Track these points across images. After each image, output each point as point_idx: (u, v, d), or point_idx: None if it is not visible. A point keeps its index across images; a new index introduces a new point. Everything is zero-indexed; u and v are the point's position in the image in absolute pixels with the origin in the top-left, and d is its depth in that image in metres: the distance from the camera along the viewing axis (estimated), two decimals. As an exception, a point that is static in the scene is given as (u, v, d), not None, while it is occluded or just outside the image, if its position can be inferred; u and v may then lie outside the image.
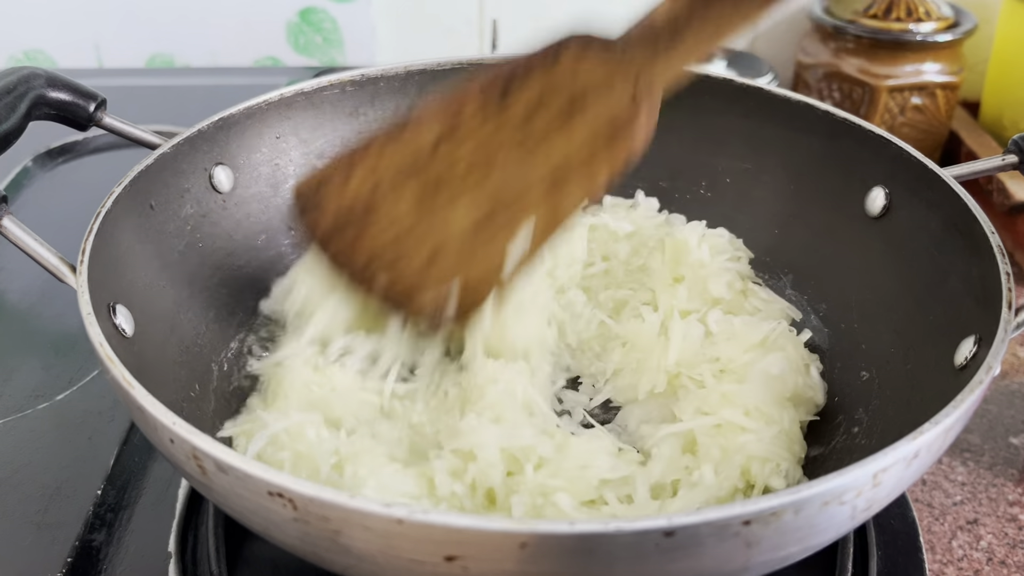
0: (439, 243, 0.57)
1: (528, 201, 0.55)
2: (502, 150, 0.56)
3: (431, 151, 0.58)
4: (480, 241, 0.56)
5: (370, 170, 0.59)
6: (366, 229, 0.59)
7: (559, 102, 0.56)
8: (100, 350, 0.48)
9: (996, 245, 0.55)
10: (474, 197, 0.56)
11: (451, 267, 0.57)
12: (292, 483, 0.39)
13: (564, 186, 0.55)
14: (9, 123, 0.58)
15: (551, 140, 0.55)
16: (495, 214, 0.56)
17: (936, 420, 0.43)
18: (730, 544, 0.39)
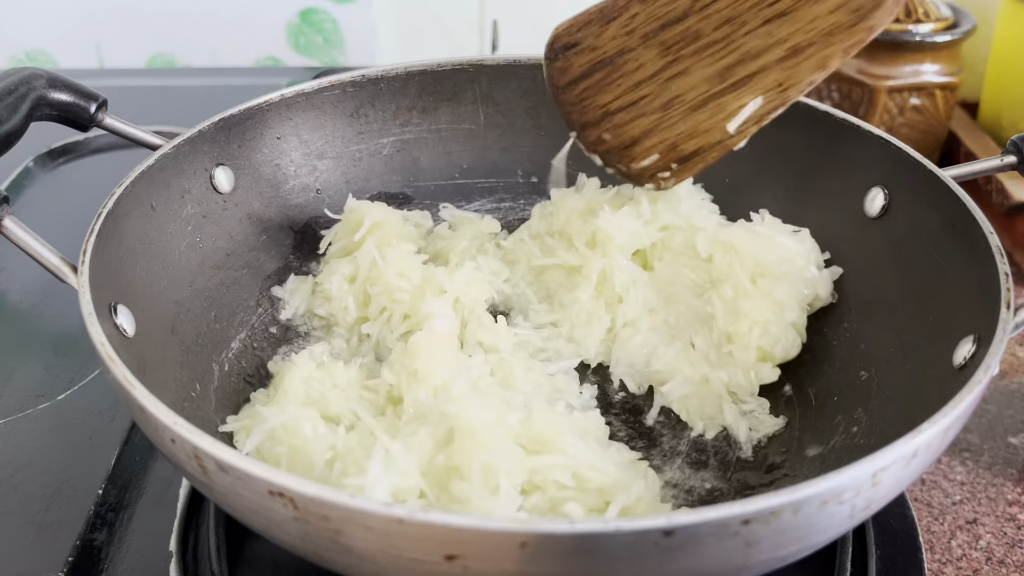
0: (676, 92, 0.62)
1: (767, 62, 0.59)
2: (750, 11, 0.59)
3: (686, 8, 0.61)
4: (711, 102, 0.61)
5: (628, 19, 0.63)
6: (609, 82, 0.65)
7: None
8: (101, 350, 0.48)
9: (995, 245, 0.55)
10: (714, 61, 0.60)
11: (679, 123, 0.62)
12: (293, 483, 0.39)
13: (801, 56, 0.58)
14: (10, 124, 0.58)
15: (799, 8, 0.57)
16: (729, 77, 0.60)
17: (935, 420, 0.43)
18: (730, 543, 0.39)
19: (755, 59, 0.59)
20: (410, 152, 0.82)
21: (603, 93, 0.65)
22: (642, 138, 0.64)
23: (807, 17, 0.57)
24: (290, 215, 0.77)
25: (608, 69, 0.65)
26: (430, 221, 0.79)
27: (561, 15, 0.67)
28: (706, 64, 0.61)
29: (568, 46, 0.66)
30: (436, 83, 0.81)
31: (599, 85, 0.65)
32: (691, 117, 0.62)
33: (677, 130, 0.63)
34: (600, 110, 0.66)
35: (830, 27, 0.56)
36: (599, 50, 0.65)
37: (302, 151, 0.77)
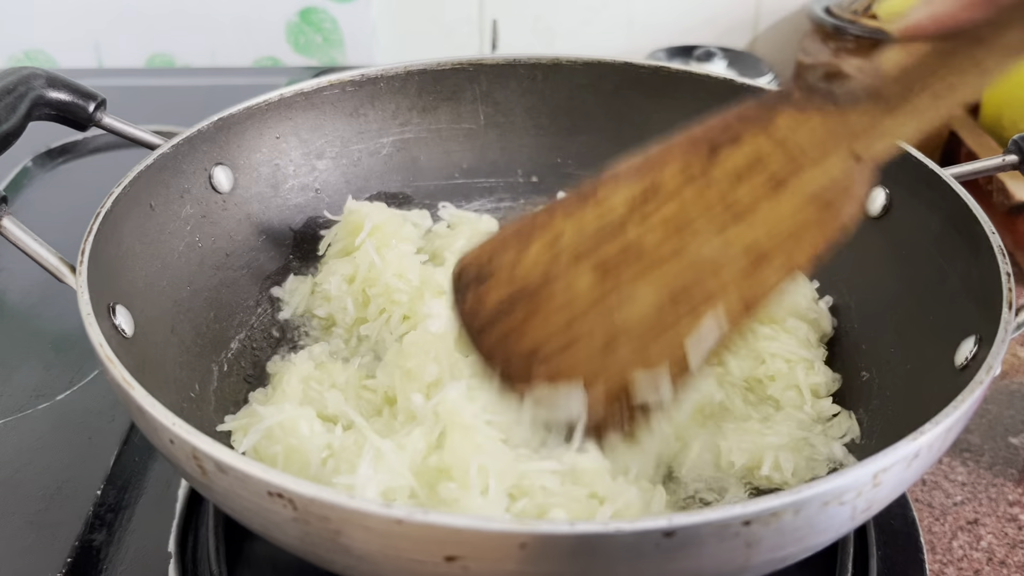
0: (619, 326, 0.48)
1: (725, 281, 0.47)
2: (702, 218, 0.48)
3: (623, 217, 0.49)
4: (666, 325, 0.48)
5: (552, 240, 0.50)
6: (538, 309, 0.49)
7: (772, 165, 0.48)
8: (100, 350, 0.48)
9: (996, 245, 0.55)
10: (666, 272, 0.48)
11: (630, 355, 0.48)
12: (292, 483, 0.39)
13: (766, 263, 0.47)
14: (9, 123, 0.58)
15: (758, 209, 0.48)
16: (686, 294, 0.48)
17: (936, 420, 0.43)
18: (730, 544, 0.39)
19: (712, 276, 0.47)
20: (410, 152, 0.82)
21: (527, 336, 0.49)
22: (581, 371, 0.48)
23: (769, 219, 0.47)
24: (289, 215, 0.77)
25: (533, 292, 0.49)
26: (429, 220, 0.79)
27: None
28: (653, 288, 0.48)
29: (477, 279, 0.51)
30: (436, 83, 0.81)
31: (525, 312, 0.49)
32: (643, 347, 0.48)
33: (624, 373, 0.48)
34: (526, 358, 0.49)
35: (797, 227, 0.47)
36: (520, 270, 0.50)
37: (301, 151, 0.77)
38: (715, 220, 0.48)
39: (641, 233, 0.49)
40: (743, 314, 0.47)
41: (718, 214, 0.48)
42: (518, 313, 0.50)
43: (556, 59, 0.81)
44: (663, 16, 1.29)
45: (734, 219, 0.48)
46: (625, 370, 0.48)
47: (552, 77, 0.82)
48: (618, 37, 1.31)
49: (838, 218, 0.47)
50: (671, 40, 1.29)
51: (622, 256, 0.49)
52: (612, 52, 0.92)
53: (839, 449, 0.60)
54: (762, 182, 0.48)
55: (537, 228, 0.51)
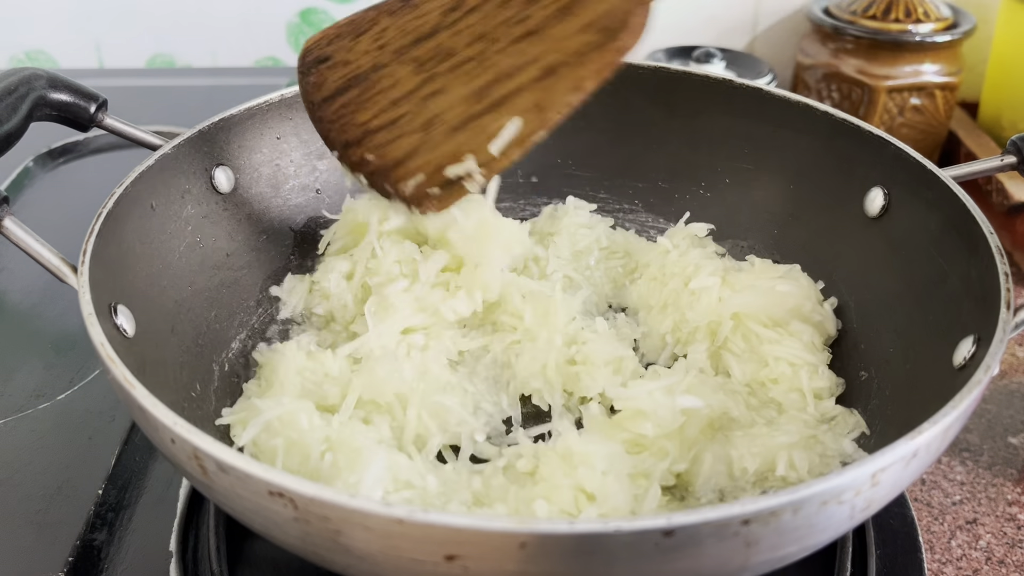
0: (434, 111, 0.57)
1: (522, 82, 0.55)
2: (501, 29, 0.56)
3: (436, 21, 0.59)
4: (471, 122, 0.56)
5: (379, 31, 0.60)
6: (367, 91, 0.60)
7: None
8: (101, 350, 0.48)
9: (995, 245, 0.55)
10: (471, 70, 0.57)
11: (441, 144, 0.56)
12: (293, 483, 0.39)
13: (555, 76, 0.54)
14: (10, 124, 0.58)
15: (549, 27, 0.55)
16: (491, 89, 0.55)
17: (935, 420, 0.43)
18: (729, 544, 0.39)
19: (510, 78, 0.55)
20: (410, 152, 0.82)
21: (361, 111, 0.60)
22: (405, 159, 0.57)
23: (556, 36, 0.54)
24: (290, 215, 0.77)
25: (364, 85, 0.60)
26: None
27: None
28: (462, 83, 0.57)
29: (320, 59, 0.62)
30: (436, 83, 0.81)
31: (356, 102, 0.60)
32: (452, 138, 0.56)
33: (440, 151, 0.56)
34: (360, 128, 0.59)
35: (580, 47, 0.53)
36: (352, 64, 0.61)
37: (302, 151, 0.77)
38: (511, 33, 0.56)
39: (450, 36, 0.58)
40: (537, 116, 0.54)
41: (514, 29, 0.56)
42: (353, 91, 0.60)
43: (556, 60, 0.81)
44: (662, 16, 1.28)
45: (527, 34, 0.55)
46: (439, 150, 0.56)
47: (552, 77, 0.82)
48: (618, 37, 1.30)
49: (617, 43, 0.53)
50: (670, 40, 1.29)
51: (435, 54, 0.58)
52: (612, 53, 0.92)
53: (849, 445, 0.60)
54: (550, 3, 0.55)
55: (367, 22, 0.62)
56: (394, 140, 0.58)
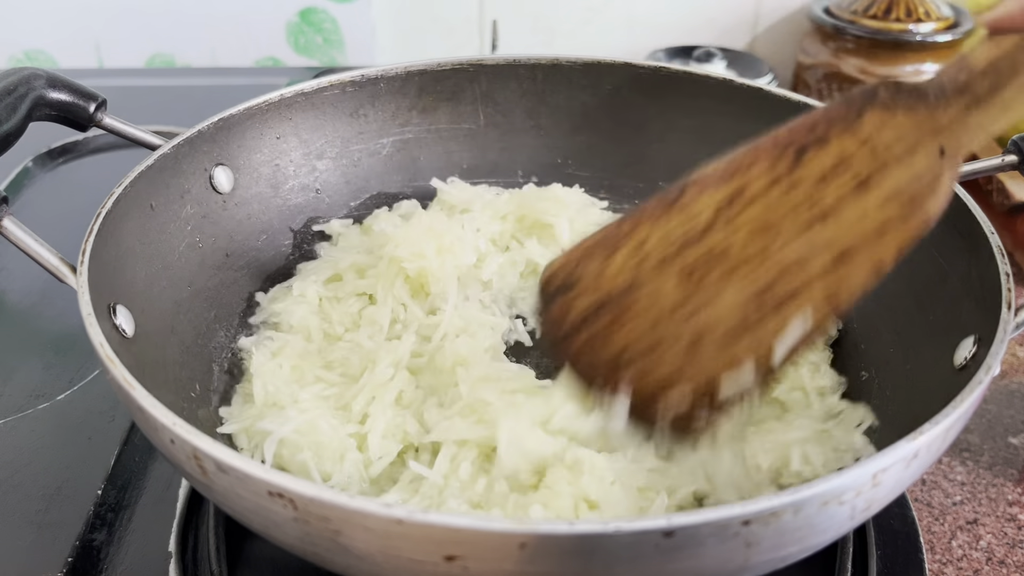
0: (704, 326, 0.49)
1: (809, 278, 0.47)
2: (787, 219, 0.48)
3: (708, 221, 0.50)
4: (749, 327, 0.48)
5: (637, 246, 0.51)
6: (622, 316, 0.50)
7: (857, 164, 0.48)
8: (100, 350, 0.48)
9: (996, 245, 0.55)
10: (750, 272, 0.48)
11: (714, 354, 0.48)
12: (292, 483, 0.39)
13: (850, 261, 0.47)
14: (10, 124, 0.58)
15: (843, 208, 0.48)
16: (770, 292, 0.48)
17: (936, 420, 0.43)
18: (730, 544, 0.39)
19: (796, 274, 0.47)
20: (410, 152, 0.82)
21: (616, 329, 0.50)
22: (669, 381, 0.49)
23: (853, 216, 0.47)
24: (290, 215, 0.77)
25: (619, 299, 0.51)
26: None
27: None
28: (739, 282, 0.48)
29: (564, 288, 0.52)
30: (436, 83, 0.81)
31: (611, 319, 0.51)
32: (727, 347, 0.48)
33: (711, 365, 0.48)
34: (615, 349, 0.50)
35: (881, 224, 0.46)
36: (606, 279, 0.51)
37: (302, 151, 0.77)
38: (800, 220, 0.48)
39: (726, 236, 0.49)
40: (827, 311, 0.47)
41: (803, 214, 0.48)
42: (603, 319, 0.51)
43: (556, 59, 0.81)
44: (663, 16, 1.29)
45: (819, 219, 0.47)
46: (709, 369, 0.48)
47: (552, 77, 0.82)
48: (618, 37, 1.31)
49: (922, 213, 0.47)
50: (671, 40, 1.29)
51: (706, 259, 0.49)
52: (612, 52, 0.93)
53: (859, 439, 0.58)
54: (847, 181, 0.48)
55: (622, 236, 0.52)
56: (656, 355, 0.49)
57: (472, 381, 0.60)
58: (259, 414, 0.61)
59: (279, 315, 0.70)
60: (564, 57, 0.81)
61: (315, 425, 0.58)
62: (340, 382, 0.64)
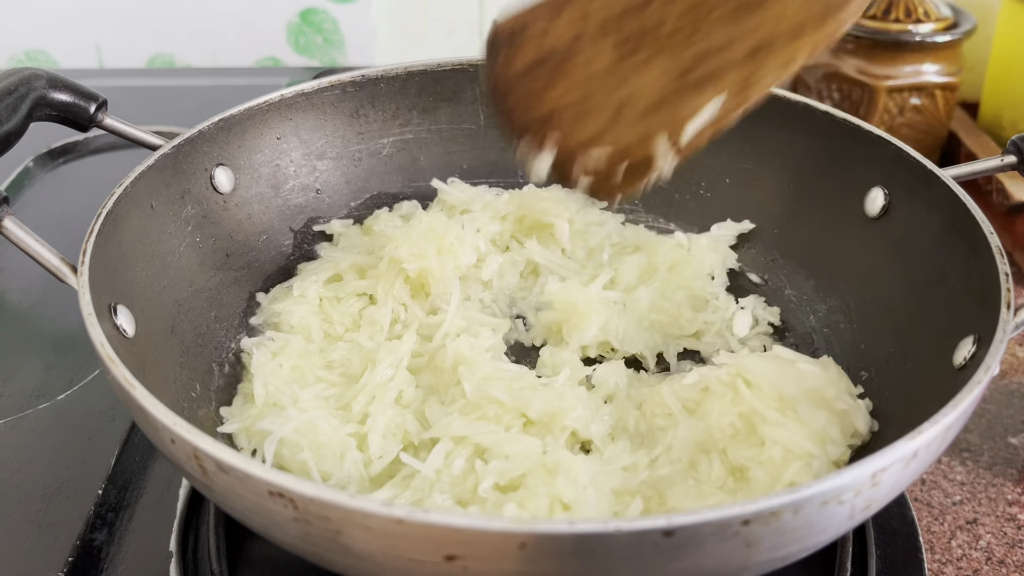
0: (627, 98, 0.54)
1: (725, 65, 0.52)
2: (713, 13, 0.53)
3: (643, 5, 0.54)
4: (668, 102, 0.53)
5: (578, 18, 0.56)
6: (557, 77, 0.56)
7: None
8: (101, 350, 0.48)
9: (995, 246, 0.55)
10: (674, 55, 0.53)
11: (633, 125, 0.54)
12: (292, 483, 0.39)
13: (765, 56, 0.52)
14: (10, 124, 0.58)
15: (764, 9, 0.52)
16: (689, 74, 0.53)
17: (935, 420, 0.43)
18: (730, 544, 0.39)
19: (718, 53, 0.52)
20: (410, 152, 0.82)
21: (551, 88, 0.56)
22: (592, 140, 0.55)
23: (776, 9, 0.51)
24: (290, 215, 0.77)
25: (558, 60, 0.56)
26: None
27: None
28: (666, 58, 0.53)
29: (514, 32, 0.57)
30: (436, 83, 0.81)
31: (547, 79, 0.56)
32: (646, 118, 0.54)
33: (630, 133, 0.54)
34: (548, 105, 0.56)
35: (800, 19, 0.51)
36: (549, 37, 0.56)
37: (302, 151, 0.77)
38: (727, 15, 0.52)
39: (661, 19, 0.53)
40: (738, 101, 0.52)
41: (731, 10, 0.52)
42: (541, 78, 0.56)
43: (556, 60, 0.81)
44: (663, 16, 1.29)
45: (744, 15, 0.52)
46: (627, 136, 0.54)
47: (552, 78, 0.82)
48: (618, 37, 1.31)
49: (837, 18, 0.51)
50: (671, 40, 1.29)
51: (640, 31, 0.54)
52: (612, 53, 0.92)
53: None
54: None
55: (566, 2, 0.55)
56: (582, 118, 0.55)
57: (476, 380, 0.60)
58: (259, 414, 0.61)
59: (279, 315, 0.70)
60: (564, 57, 0.81)
61: (315, 425, 0.58)
62: (340, 382, 0.64)
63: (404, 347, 0.65)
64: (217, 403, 0.64)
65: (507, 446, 0.55)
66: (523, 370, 0.65)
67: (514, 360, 0.69)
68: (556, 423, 0.59)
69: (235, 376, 0.67)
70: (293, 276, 0.75)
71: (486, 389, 0.59)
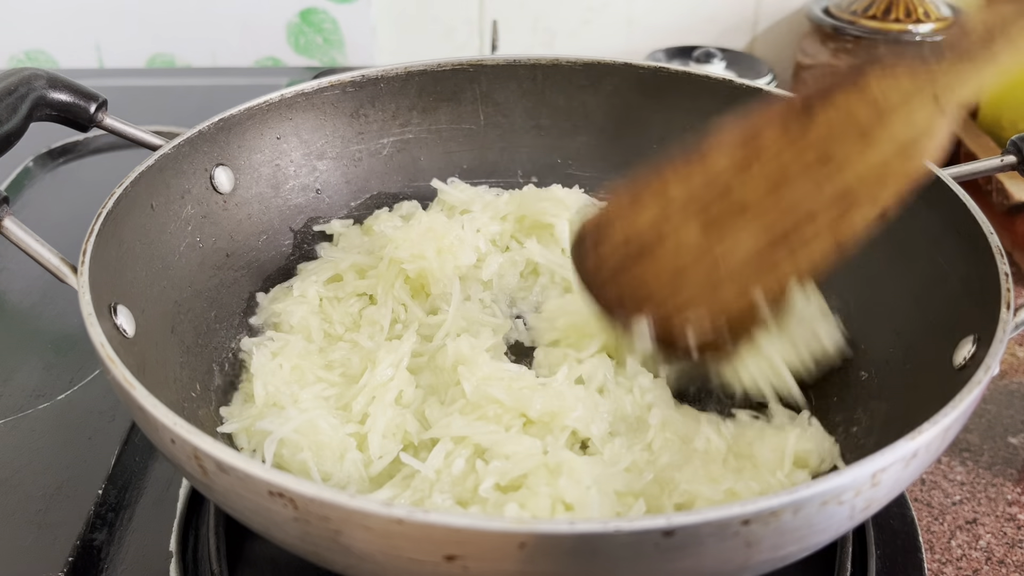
0: (723, 270, 0.56)
1: (820, 224, 0.53)
2: (800, 173, 0.54)
3: (728, 177, 0.55)
4: (761, 265, 0.55)
5: (661, 201, 0.57)
6: (648, 260, 0.58)
7: (863, 119, 0.53)
8: (101, 350, 0.48)
9: (995, 246, 0.55)
10: (764, 221, 0.54)
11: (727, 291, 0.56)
12: (293, 483, 0.39)
13: (856, 207, 0.53)
14: (10, 124, 0.58)
15: (850, 160, 0.53)
16: (782, 239, 0.54)
17: (935, 420, 0.43)
18: (729, 544, 0.39)
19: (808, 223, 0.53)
20: (410, 152, 0.82)
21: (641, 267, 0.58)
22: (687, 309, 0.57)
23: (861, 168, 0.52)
24: (290, 215, 0.77)
25: (645, 239, 0.57)
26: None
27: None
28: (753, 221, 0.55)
29: (597, 241, 0.59)
30: (436, 83, 0.81)
31: (636, 258, 0.58)
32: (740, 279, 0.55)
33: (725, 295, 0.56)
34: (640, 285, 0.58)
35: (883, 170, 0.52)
36: (634, 219, 0.58)
37: (302, 151, 0.77)
38: (811, 174, 0.53)
39: (744, 190, 0.55)
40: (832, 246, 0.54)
41: (814, 168, 0.53)
42: (635, 268, 0.58)
43: (556, 60, 0.81)
44: (662, 17, 1.29)
45: (829, 172, 0.53)
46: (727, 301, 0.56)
47: (552, 77, 0.82)
48: (618, 38, 1.31)
49: (920, 159, 0.51)
50: (670, 41, 1.29)
51: (727, 211, 0.55)
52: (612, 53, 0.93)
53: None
54: (853, 136, 0.52)
55: (649, 191, 0.57)
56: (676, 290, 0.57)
57: (476, 380, 0.60)
58: (259, 414, 0.61)
59: (279, 315, 0.70)
60: (564, 57, 0.81)
61: (315, 425, 0.58)
62: (340, 382, 0.64)
63: (404, 347, 0.65)
64: (217, 403, 0.64)
65: (507, 446, 0.55)
66: (523, 370, 0.65)
67: (514, 360, 0.69)
68: (556, 423, 0.59)
69: (235, 376, 0.67)
70: (293, 276, 0.75)
71: (486, 389, 0.59)
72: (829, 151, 0.53)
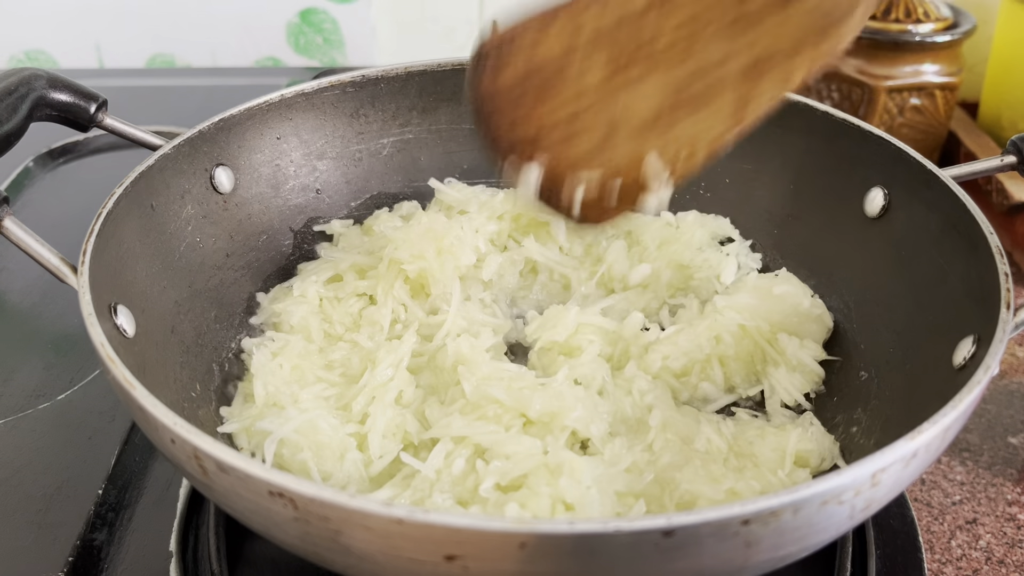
0: (619, 117, 0.52)
1: (722, 82, 0.50)
2: (710, 27, 0.50)
3: (638, 17, 0.51)
4: (663, 120, 0.51)
5: (570, 29, 0.52)
6: (546, 94, 0.53)
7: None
8: (101, 350, 0.48)
9: (995, 245, 0.55)
10: (669, 71, 0.51)
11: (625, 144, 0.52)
12: (293, 483, 0.39)
13: (763, 73, 0.50)
14: (10, 124, 0.58)
15: (763, 24, 0.50)
16: (685, 91, 0.51)
17: (935, 420, 0.43)
18: (729, 544, 0.39)
19: (715, 70, 0.50)
20: (410, 152, 0.82)
21: (539, 105, 0.53)
22: (581, 163, 0.52)
23: (773, 24, 0.49)
24: (290, 215, 0.77)
25: (547, 75, 0.53)
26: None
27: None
28: (660, 74, 0.51)
29: (501, 47, 0.54)
30: (436, 83, 0.81)
31: (535, 95, 0.53)
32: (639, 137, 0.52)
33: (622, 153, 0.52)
34: (535, 123, 0.53)
35: (799, 34, 0.49)
36: (538, 50, 0.53)
37: (302, 151, 0.77)
38: (725, 29, 0.50)
39: (656, 32, 0.51)
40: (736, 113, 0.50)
41: (728, 24, 0.50)
42: (528, 94, 0.53)
43: (556, 60, 0.81)
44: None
45: (742, 30, 0.50)
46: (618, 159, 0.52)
47: (552, 78, 0.82)
48: (618, 37, 1.31)
49: (835, 36, 0.49)
50: (671, 40, 1.29)
51: (635, 52, 0.51)
52: (612, 53, 0.92)
53: None
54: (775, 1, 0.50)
55: (562, 10, 0.52)
56: (571, 138, 0.53)
57: (476, 380, 0.60)
58: (259, 414, 0.61)
59: (279, 315, 0.70)
60: (564, 57, 0.81)
61: (315, 425, 0.58)
62: (340, 382, 0.64)
63: (404, 347, 0.65)
64: (217, 403, 0.64)
65: (507, 446, 0.55)
66: (523, 370, 0.65)
67: (514, 360, 0.69)
68: (556, 423, 0.59)
69: (235, 376, 0.67)
70: (293, 276, 0.75)
71: (486, 389, 0.59)
72: (748, 12, 0.50)
